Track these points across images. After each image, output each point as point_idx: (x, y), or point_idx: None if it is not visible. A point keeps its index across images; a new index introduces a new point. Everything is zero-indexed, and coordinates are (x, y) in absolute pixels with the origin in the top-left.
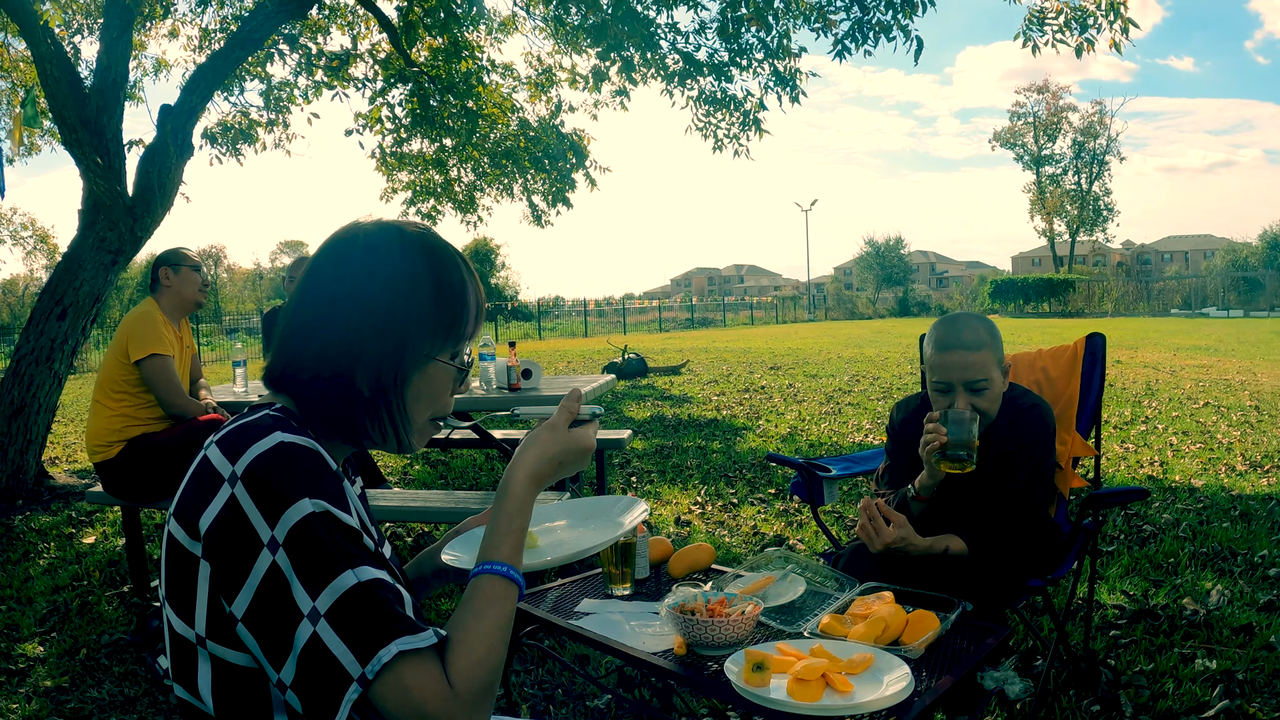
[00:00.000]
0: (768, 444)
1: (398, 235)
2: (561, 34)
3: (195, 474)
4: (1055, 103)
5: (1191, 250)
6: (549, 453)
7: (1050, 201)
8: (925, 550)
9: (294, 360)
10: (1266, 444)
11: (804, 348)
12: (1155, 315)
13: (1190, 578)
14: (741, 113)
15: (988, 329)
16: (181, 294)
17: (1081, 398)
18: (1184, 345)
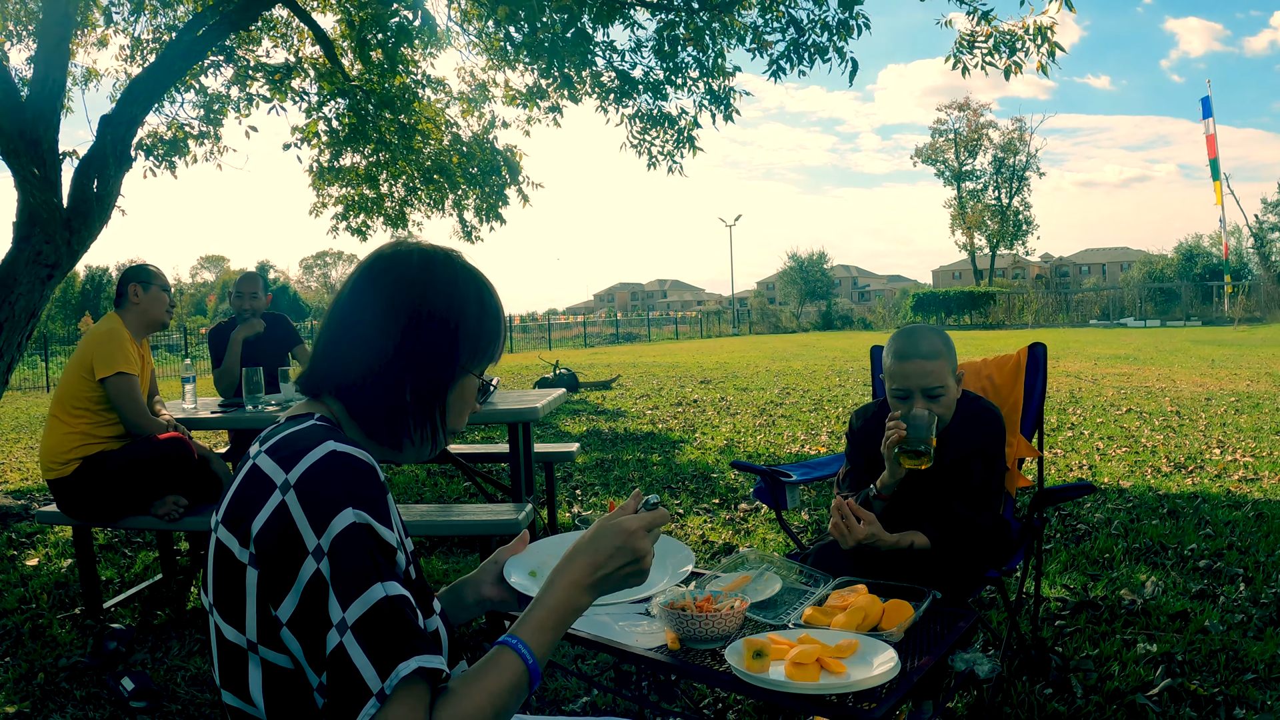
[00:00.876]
0: (705, 456)
1: (447, 256)
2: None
3: (245, 481)
4: (976, 120)
5: (1109, 263)
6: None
7: (971, 216)
8: (893, 545)
9: (343, 368)
10: (1189, 446)
11: (732, 361)
12: (1074, 326)
13: (1126, 571)
14: (676, 130)
15: (943, 340)
16: (149, 313)
17: (1025, 403)
18: (1104, 354)
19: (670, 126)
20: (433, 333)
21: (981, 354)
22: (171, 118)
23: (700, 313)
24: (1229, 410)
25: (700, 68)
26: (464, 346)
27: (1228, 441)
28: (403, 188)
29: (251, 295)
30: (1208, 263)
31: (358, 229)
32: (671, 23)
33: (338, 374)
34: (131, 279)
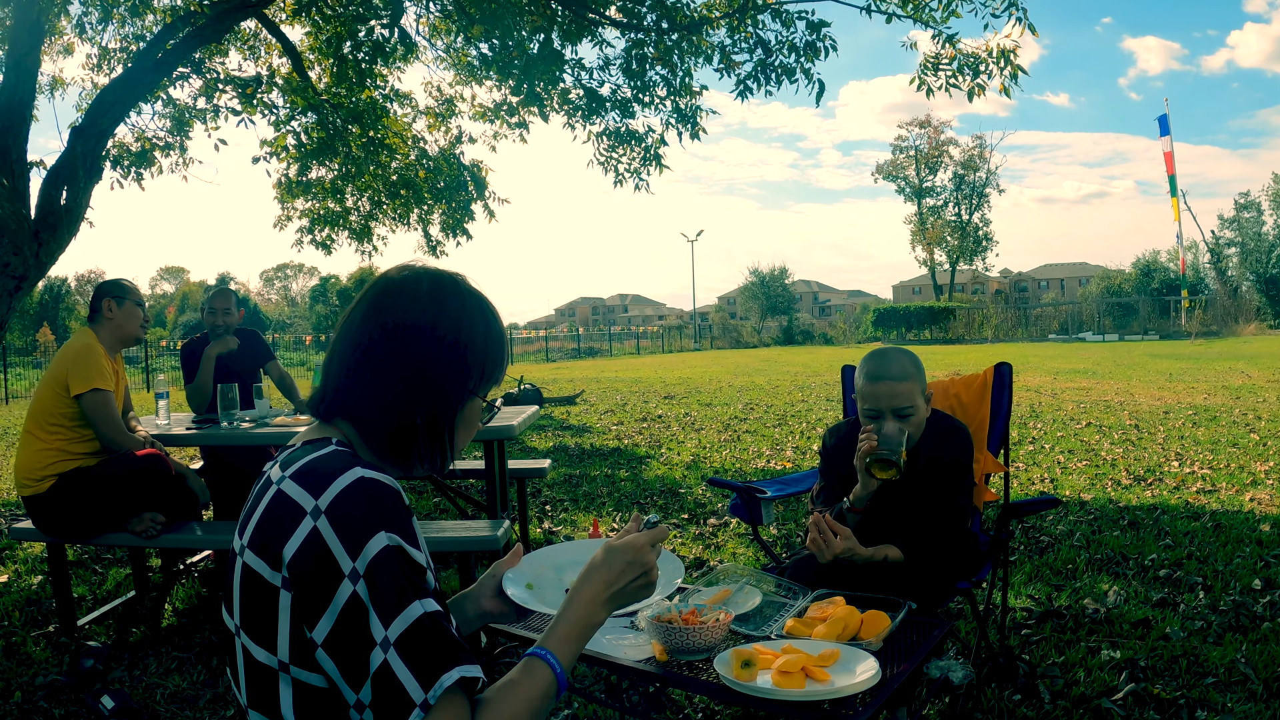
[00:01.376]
0: (673, 472)
1: (454, 281)
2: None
3: (271, 506)
4: (937, 137)
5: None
6: (613, 576)
7: (931, 232)
8: (868, 559)
9: (354, 392)
10: (1147, 459)
11: (695, 377)
12: (1034, 340)
13: (1088, 581)
14: (643, 148)
15: (913, 362)
16: (124, 328)
17: (992, 420)
18: (1063, 369)
19: (637, 144)
20: (443, 358)
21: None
22: (139, 129)
23: (662, 328)
24: (1187, 423)
25: (668, 86)
26: (472, 370)
27: (1186, 454)
28: (368, 202)
29: (225, 311)
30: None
31: (322, 243)
32: (640, 41)
33: (349, 398)
34: (106, 294)
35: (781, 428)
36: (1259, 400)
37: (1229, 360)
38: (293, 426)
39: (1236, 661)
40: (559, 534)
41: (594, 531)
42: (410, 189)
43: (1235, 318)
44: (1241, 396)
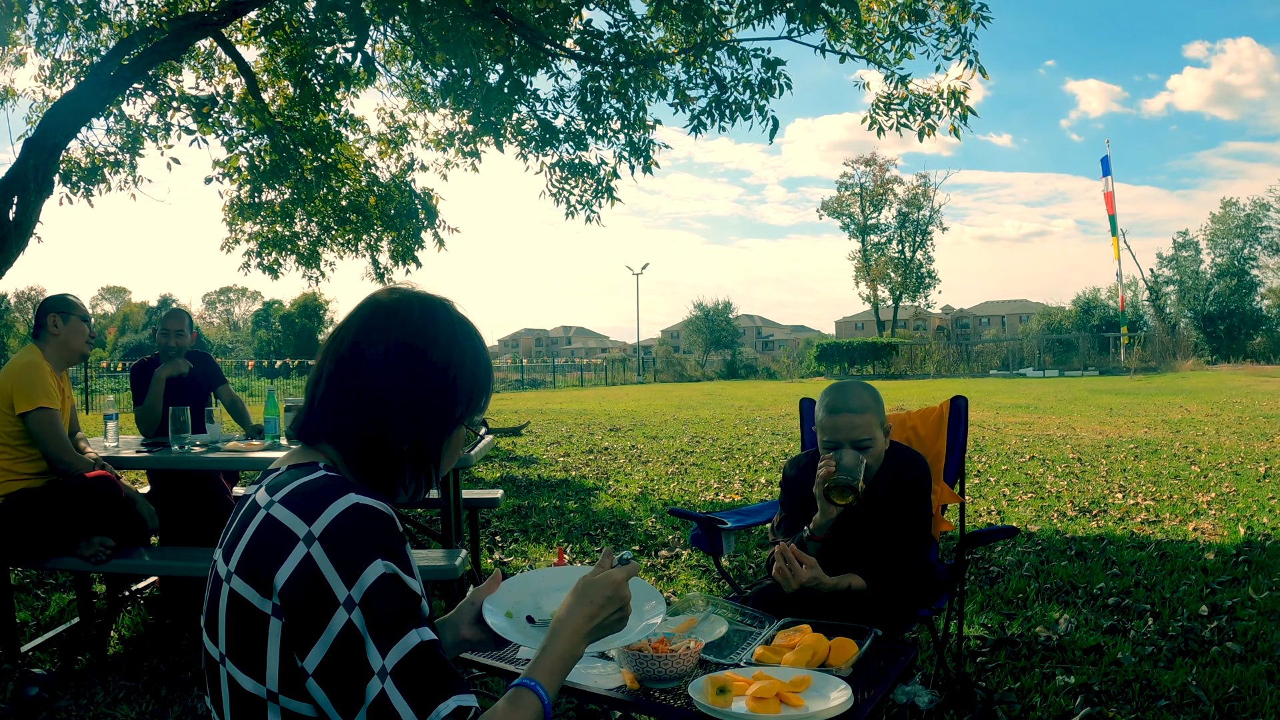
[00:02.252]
0: (621, 503)
1: (445, 307)
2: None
3: (261, 532)
4: (882, 175)
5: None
6: (594, 611)
7: (875, 269)
8: (833, 587)
9: (342, 417)
10: (1091, 491)
11: (639, 410)
12: (975, 376)
13: (1039, 610)
14: (595, 180)
15: (871, 395)
16: (69, 344)
17: (948, 452)
18: (1006, 404)
19: (589, 176)
20: (433, 385)
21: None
22: (89, 145)
23: (605, 360)
24: (1128, 456)
25: (621, 119)
26: (460, 398)
27: (1129, 486)
28: (317, 227)
29: (177, 333)
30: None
31: (269, 267)
32: (596, 74)
33: (336, 421)
34: (51, 309)
35: (728, 461)
36: (1198, 434)
37: (1168, 395)
38: (245, 452)
39: (1188, 684)
40: (510, 565)
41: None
42: (360, 215)
43: (1173, 354)
44: (1181, 430)
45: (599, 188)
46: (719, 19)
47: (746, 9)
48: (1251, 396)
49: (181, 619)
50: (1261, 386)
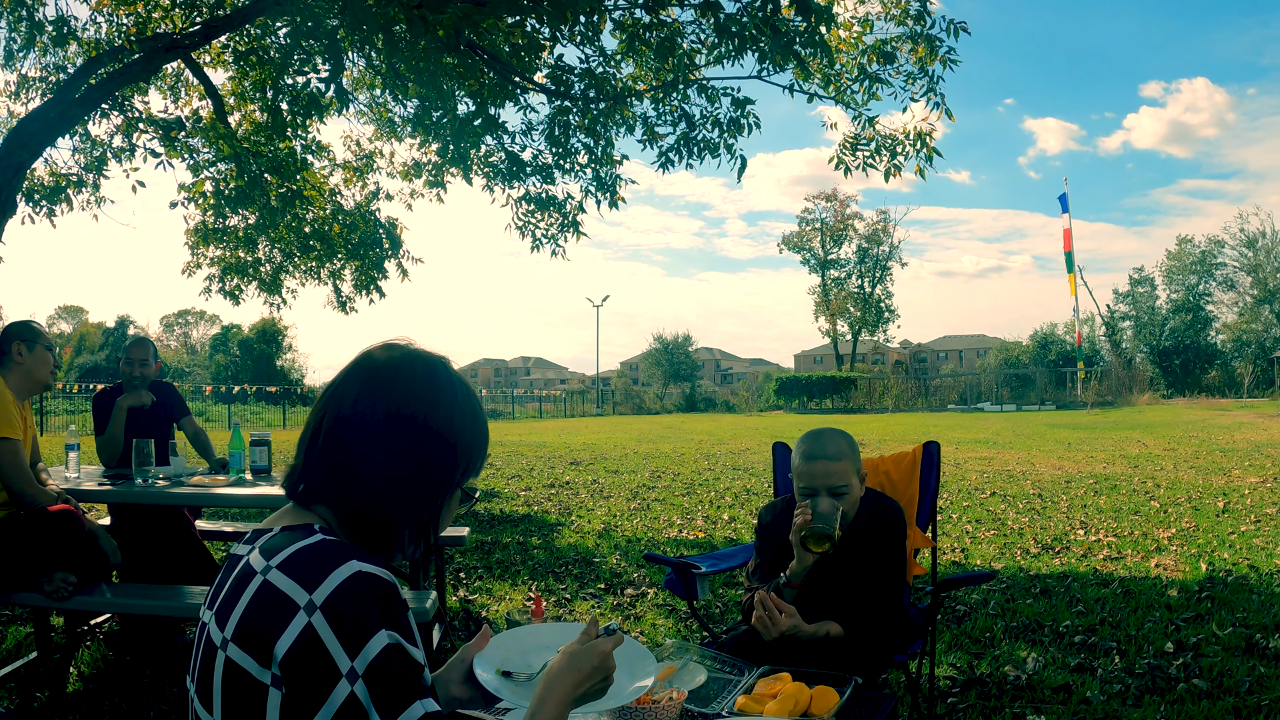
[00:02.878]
0: (585, 540)
1: (445, 368)
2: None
3: (259, 599)
4: (842, 210)
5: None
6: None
7: (835, 304)
8: (811, 635)
9: (342, 479)
10: (1053, 528)
11: (599, 443)
12: (933, 411)
13: (1006, 649)
14: (561, 214)
15: (848, 443)
16: (34, 374)
17: (920, 497)
18: (965, 439)
19: (556, 210)
20: (434, 449)
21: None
22: (52, 163)
23: (564, 392)
24: (1088, 492)
25: (589, 154)
26: (461, 461)
27: (1090, 522)
28: (280, 253)
29: (141, 362)
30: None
31: (230, 292)
32: (565, 109)
33: (334, 483)
34: (16, 337)
35: (690, 496)
36: (1156, 468)
37: (1125, 430)
38: (210, 488)
39: None
40: (475, 602)
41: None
42: (324, 243)
43: (1130, 388)
44: (1139, 465)
45: (565, 222)
46: (690, 57)
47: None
48: (1207, 430)
49: (142, 656)
50: (1217, 420)
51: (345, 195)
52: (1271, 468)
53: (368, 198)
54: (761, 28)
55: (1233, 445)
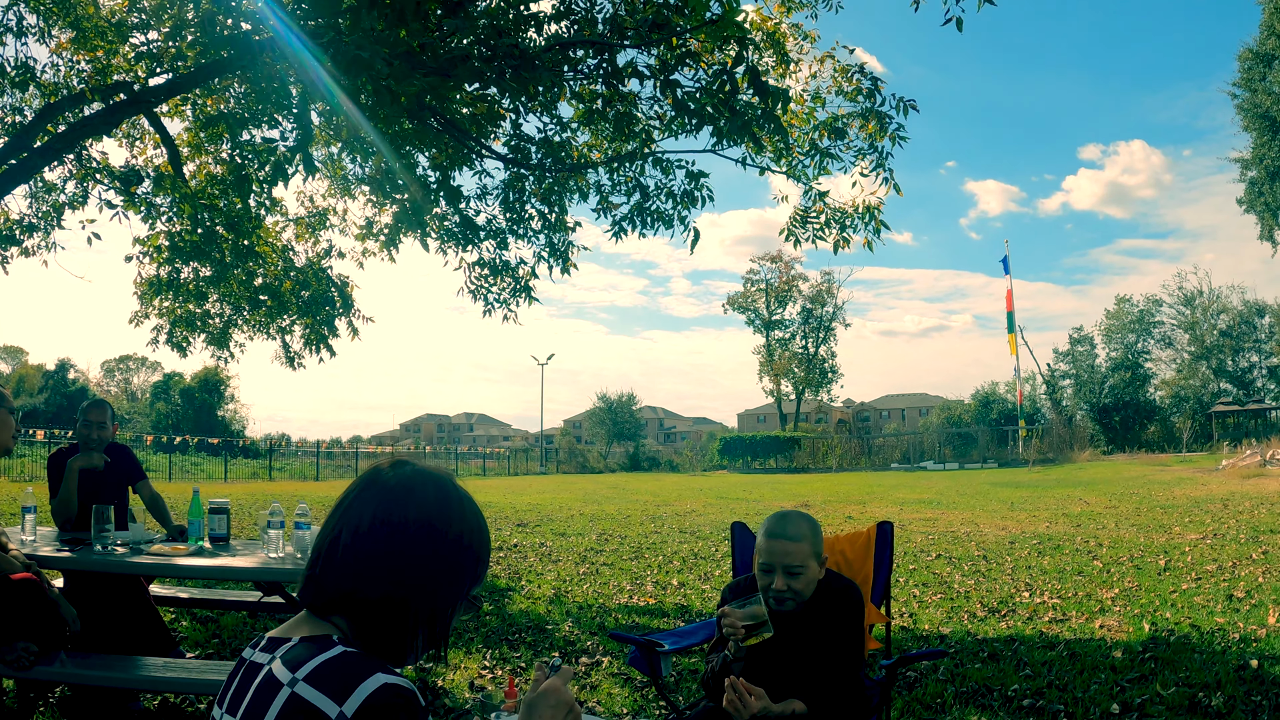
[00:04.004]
0: (536, 606)
1: (455, 486)
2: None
3: (289, 711)
4: (787, 271)
5: (908, 408)
6: None
7: (779, 364)
8: (779, 714)
9: (361, 590)
10: (999, 590)
11: (545, 503)
12: (877, 470)
13: (958, 715)
14: (514, 279)
15: (810, 526)
16: None
17: (875, 575)
18: (909, 499)
19: (509, 274)
20: (448, 561)
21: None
22: (4, 209)
23: (508, 449)
24: (1032, 553)
25: (543, 220)
26: (471, 571)
27: (1034, 584)
28: (229, 307)
29: (99, 425)
30: (1003, 408)
31: (178, 344)
32: (521, 175)
33: (353, 595)
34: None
35: (639, 561)
36: (1099, 527)
37: (1067, 487)
38: (170, 557)
39: None
40: (432, 670)
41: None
42: (274, 299)
43: (1070, 445)
44: (1082, 524)
45: (517, 287)
46: (647, 132)
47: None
48: (1147, 486)
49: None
50: (1156, 476)
51: (297, 251)
52: (1211, 523)
53: (320, 254)
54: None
55: (1173, 501)
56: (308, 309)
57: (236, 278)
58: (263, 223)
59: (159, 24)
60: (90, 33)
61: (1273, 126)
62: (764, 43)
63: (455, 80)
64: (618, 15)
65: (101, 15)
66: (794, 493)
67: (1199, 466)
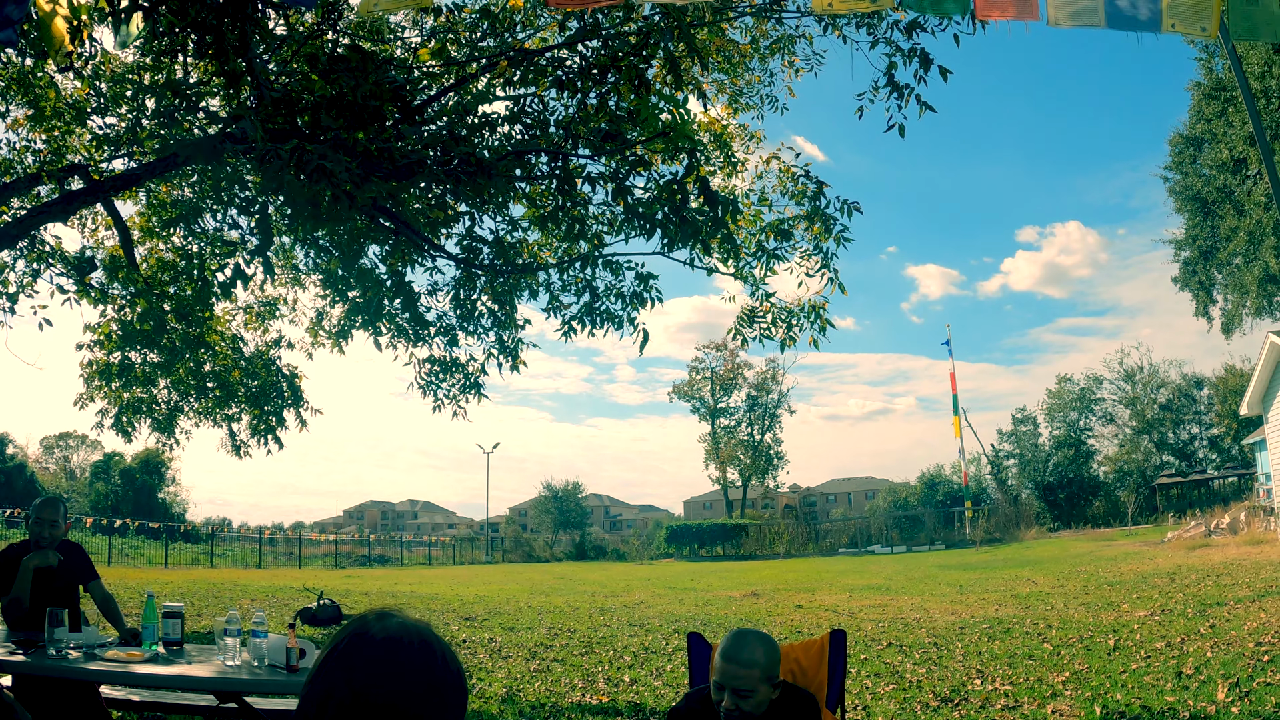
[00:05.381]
0: (488, 706)
1: (438, 639)
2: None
3: None
4: (732, 360)
5: (855, 491)
6: None
7: (725, 451)
8: None
9: None
10: (951, 679)
11: (492, 595)
12: (825, 555)
13: None
14: (464, 375)
15: (765, 650)
16: None
17: (830, 682)
18: (857, 585)
19: (459, 371)
20: (437, 710)
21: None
22: None
23: (453, 538)
24: (983, 637)
25: (493, 318)
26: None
27: (986, 670)
28: (176, 394)
29: (51, 523)
30: (949, 490)
31: (124, 429)
32: (472, 274)
33: None
34: None
35: (589, 656)
36: (1047, 608)
37: (1015, 567)
38: (126, 664)
39: None
40: None
41: None
42: (222, 388)
43: (1017, 524)
44: (1031, 605)
45: (467, 383)
46: (599, 237)
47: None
48: (1095, 563)
49: None
50: (1103, 552)
51: (246, 339)
52: (1159, 598)
53: (269, 344)
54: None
55: (1120, 578)
56: (255, 400)
57: (185, 364)
58: (214, 313)
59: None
60: (48, 112)
61: (1204, 208)
62: (711, 144)
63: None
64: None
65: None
66: (742, 580)
67: (1145, 540)
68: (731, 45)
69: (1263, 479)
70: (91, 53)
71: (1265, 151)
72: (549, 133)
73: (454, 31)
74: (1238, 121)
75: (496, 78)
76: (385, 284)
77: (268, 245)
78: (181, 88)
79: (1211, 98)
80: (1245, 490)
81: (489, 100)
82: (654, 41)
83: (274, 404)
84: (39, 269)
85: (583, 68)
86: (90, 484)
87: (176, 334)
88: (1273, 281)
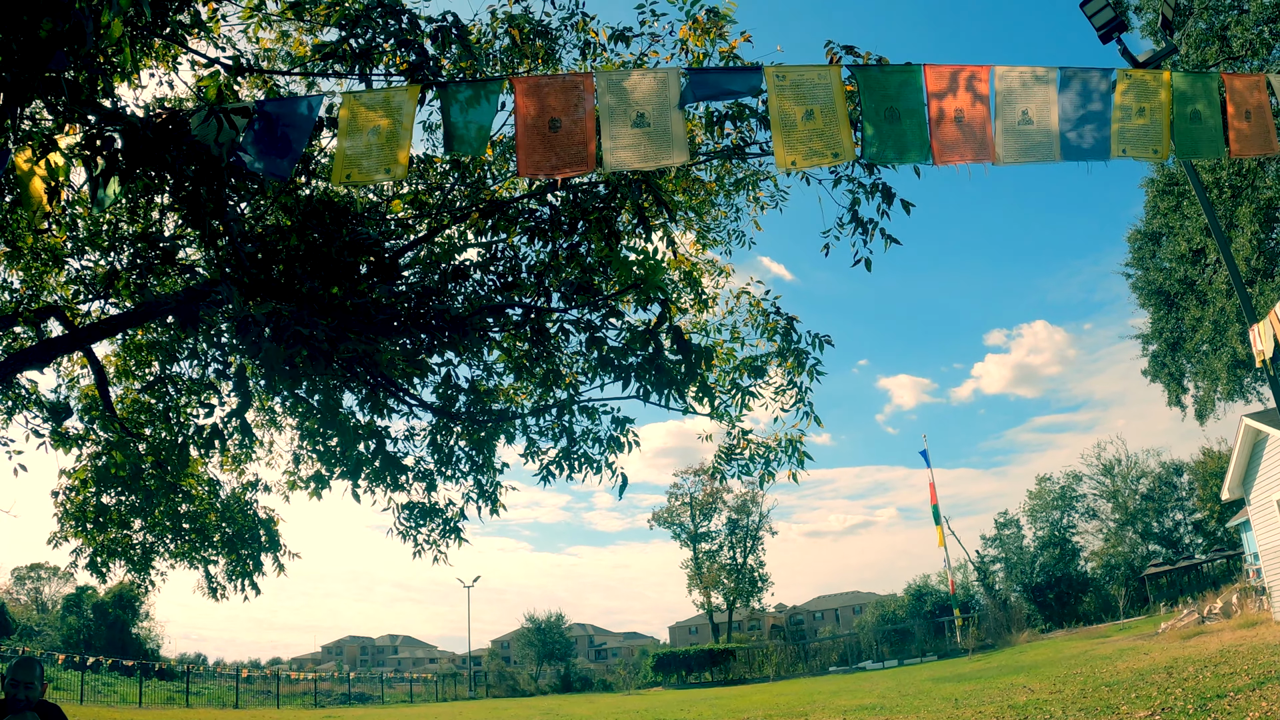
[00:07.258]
0: None
1: None
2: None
3: None
4: (711, 484)
5: (841, 607)
6: None
7: (708, 576)
8: None
9: None
10: None
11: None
12: (815, 674)
13: None
14: (443, 520)
15: None
16: None
17: None
18: (851, 706)
19: (437, 516)
20: None
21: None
22: None
23: (435, 673)
24: None
25: (471, 463)
26: None
27: None
28: (152, 535)
29: (26, 685)
30: (937, 599)
31: (99, 569)
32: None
33: None
34: None
35: None
36: (1046, 717)
37: (1009, 674)
38: None
39: None
40: None
41: None
42: (198, 532)
43: (1008, 628)
44: (1029, 715)
45: (446, 528)
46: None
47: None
48: (1090, 664)
49: None
50: (1097, 650)
51: (223, 482)
52: (1158, 696)
53: (246, 486)
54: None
55: (1117, 677)
56: (232, 545)
57: (161, 507)
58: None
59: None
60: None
61: (1167, 300)
62: (682, 281)
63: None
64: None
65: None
66: (734, 707)
67: (1139, 633)
68: (697, 183)
69: (1251, 559)
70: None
71: (1221, 242)
72: (521, 278)
73: (425, 181)
74: (1193, 214)
75: (469, 228)
76: (361, 434)
77: (246, 406)
78: (157, 241)
79: (1166, 193)
80: (1235, 571)
81: (461, 250)
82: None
83: (251, 549)
84: (13, 409)
85: (552, 217)
86: (62, 617)
87: (152, 478)
88: (1241, 366)
